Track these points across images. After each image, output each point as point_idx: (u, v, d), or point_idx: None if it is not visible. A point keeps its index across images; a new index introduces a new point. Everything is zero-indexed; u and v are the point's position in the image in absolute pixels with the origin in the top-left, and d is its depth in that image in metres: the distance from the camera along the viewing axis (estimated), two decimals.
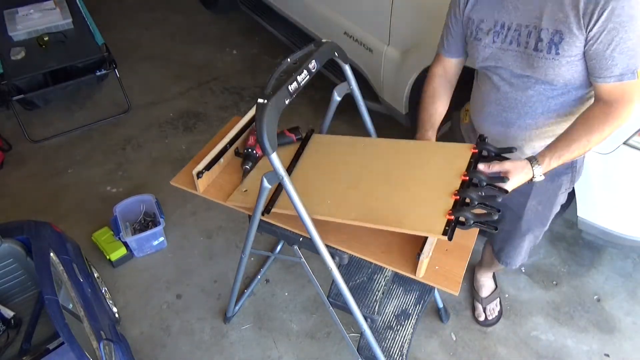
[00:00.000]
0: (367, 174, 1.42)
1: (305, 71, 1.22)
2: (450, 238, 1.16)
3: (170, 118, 3.08)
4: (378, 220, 1.25)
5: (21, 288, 1.76)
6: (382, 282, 1.70)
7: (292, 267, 2.29)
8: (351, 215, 1.30)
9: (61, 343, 1.32)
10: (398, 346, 1.73)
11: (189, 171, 1.56)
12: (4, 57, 2.81)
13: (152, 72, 3.42)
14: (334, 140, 1.65)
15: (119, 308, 2.12)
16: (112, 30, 3.63)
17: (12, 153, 2.83)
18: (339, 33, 2.49)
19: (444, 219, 1.19)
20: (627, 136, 1.59)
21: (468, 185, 1.27)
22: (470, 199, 1.23)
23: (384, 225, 1.24)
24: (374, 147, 1.55)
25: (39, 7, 3.09)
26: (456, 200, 1.23)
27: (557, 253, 2.35)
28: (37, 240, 1.63)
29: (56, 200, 2.58)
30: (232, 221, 2.47)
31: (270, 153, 1.14)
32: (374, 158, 1.49)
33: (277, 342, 2.04)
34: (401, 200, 1.30)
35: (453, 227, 1.17)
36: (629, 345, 2.03)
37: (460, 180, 1.28)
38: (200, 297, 2.19)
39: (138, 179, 2.70)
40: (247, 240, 1.58)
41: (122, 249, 2.27)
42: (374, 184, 1.37)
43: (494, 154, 1.32)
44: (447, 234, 1.15)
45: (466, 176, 1.28)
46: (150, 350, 2.01)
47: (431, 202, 1.25)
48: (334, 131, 1.70)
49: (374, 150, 1.53)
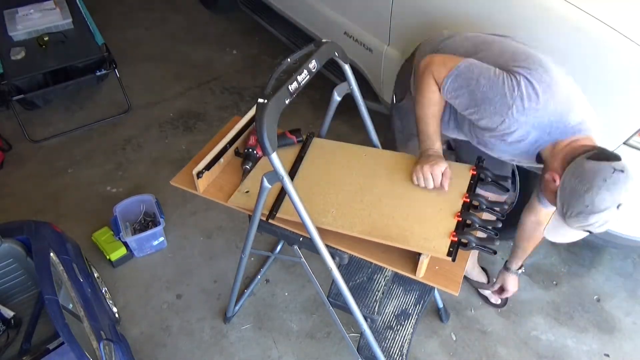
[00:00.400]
0: (371, 187, 1.45)
1: (305, 71, 1.22)
2: (454, 259, 1.22)
3: (170, 118, 3.08)
4: (383, 237, 1.30)
5: (21, 288, 1.76)
6: (382, 282, 1.70)
7: (292, 267, 2.29)
8: (356, 229, 1.34)
9: (61, 343, 1.32)
10: (398, 346, 1.73)
11: (189, 171, 1.56)
12: (4, 57, 2.81)
13: (152, 72, 3.42)
14: (335, 146, 1.65)
15: (119, 308, 2.12)
16: (112, 30, 3.63)
17: (12, 153, 2.83)
18: (339, 33, 2.49)
19: (448, 240, 1.25)
20: (627, 136, 1.59)
21: (469, 206, 1.35)
22: (472, 221, 1.30)
23: (389, 242, 1.29)
24: (376, 159, 1.57)
25: (39, 7, 3.09)
26: (459, 222, 1.30)
27: (557, 253, 2.35)
28: (37, 240, 1.62)
29: (56, 200, 2.58)
30: (232, 221, 2.47)
31: (270, 153, 1.14)
32: (377, 170, 1.52)
33: (277, 342, 2.04)
34: (405, 217, 1.34)
35: (456, 248, 1.24)
36: (629, 345, 2.03)
37: (461, 201, 1.36)
38: (200, 297, 2.19)
39: (138, 179, 2.70)
40: (247, 240, 1.58)
41: (122, 249, 2.27)
42: (378, 198, 1.41)
43: (491, 180, 1.43)
44: (452, 256, 1.22)
45: (467, 198, 1.36)
46: (150, 350, 2.01)
47: (435, 222, 1.31)
48: (334, 131, 1.70)
49: (377, 162, 1.56)
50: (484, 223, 1.29)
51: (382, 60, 2.28)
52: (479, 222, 1.29)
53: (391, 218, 1.34)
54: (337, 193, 1.45)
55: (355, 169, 1.53)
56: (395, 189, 1.43)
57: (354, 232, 1.33)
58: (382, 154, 1.59)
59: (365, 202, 1.40)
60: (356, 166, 1.54)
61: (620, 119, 1.59)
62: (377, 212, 1.36)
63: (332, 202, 1.42)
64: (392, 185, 1.44)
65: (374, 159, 1.57)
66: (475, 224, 1.29)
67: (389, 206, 1.38)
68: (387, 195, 1.41)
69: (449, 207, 1.34)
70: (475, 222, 1.29)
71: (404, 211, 1.36)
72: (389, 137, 1.86)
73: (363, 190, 1.44)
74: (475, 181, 1.41)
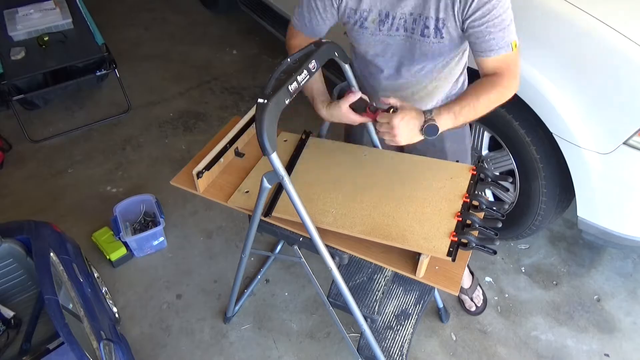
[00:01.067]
0: (371, 187, 1.45)
1: (305, 71, 1.22)
2: (454, 259, 1.22)
3: (170, 118, 3.08)
4: (384, 237, 1.30)
5: (21, 288, 1.76)
6: (382, 282, 1.70)
7: (292, 267, 2.29)
8: (356, 229, 1.34)
9: (61, 343, 1.32)
10: (398, 346, 1.73)
11: (189, 171, 1.56)
12: (4, 57, 2.81)
13: (152, 72, 3.42)
14: (334, 146, 1.65)
15: (119, 308, 2.12)
16: (112, 30, 3.63)
17: (12, 153, 2.83)
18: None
19: (448, 240, 1.25)
20: (627, 136, 1.59)
21: (468, 206, 1.34)
22: (472, 221, 1.30)
23: (389, 242, 1.29)
24: (375, 158, 1.58)
25: (39, 7, 3.09)
26: (459, 222, 1.30)
27: (557, 253, 2.35)
28: (37, 240, 1.62)
29: (56, 200, 2.58)
30: (232, 221, 2.47)
31: (270, 153, 1.14)
32: (376, 170, 1.52)
33: (277, 342, 2.04)
34: (405, 217, 1.34)
35: (456, 248, 1.24)
36: (628, 345, 2.03)
37: (461, 201, 1.35)
38: (200, 297, 2.19)
39: (138, 179, 2.70)
40: (247, 240, 1.58)
41: (122, 249, 2.27)
42: (378, 199, 1.41)
43: (491, 180, 1.42)
44: (452, 256, 1.22)
45: (467, 198, 1.36)
46: (150, 350, 2.01)
47: (434, 222, 1.31)
48: (334, 131, 1.70)
49: (376, 162, 1.56)
50: (484, 223, 1.29)
51: None
52: (479, 222, 1.29)
53: (391, 218, 1.34)
54: (337, 193, 1.45)
55: (355, 169, 1.53)
56: (394, 189, 1.43)
57: (354, 232, 1.33)
58: (382, 153, 1.59)
59: (365, 202, 1.40)
60: (355, 166, 1.54)
61: (620, 119, 1.60)
62: (377, 212, 1.36)
63: (332, 202, 1.42)
64: (391, 185, 1.45)
65: (373, 158, 1.57)
66: (475, 224, 1.30)
67: (388, 206, 1.38)
68: (387, 195, 1.41)
69: (449, 207, 1.34)
70: (475, 222, 1.30)
71: (403, 211, 1.36)
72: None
73: (363, 190, 1.44)
74: (475, 181, 1.42)
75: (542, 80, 1.69)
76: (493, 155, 2.06)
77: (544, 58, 1.68)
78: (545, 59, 1.68)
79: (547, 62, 1.68)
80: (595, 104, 1.63)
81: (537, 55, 1.68)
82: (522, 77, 1.70)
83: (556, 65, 1.67)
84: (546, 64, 1.68)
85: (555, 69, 1.67)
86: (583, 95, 1.64)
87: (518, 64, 1.32)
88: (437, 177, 1.45)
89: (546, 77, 1.68)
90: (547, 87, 1.68)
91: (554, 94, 1.68)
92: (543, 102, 1.71)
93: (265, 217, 1.44)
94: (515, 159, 1.95)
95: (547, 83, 1.68)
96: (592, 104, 1.63)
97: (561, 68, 1.66)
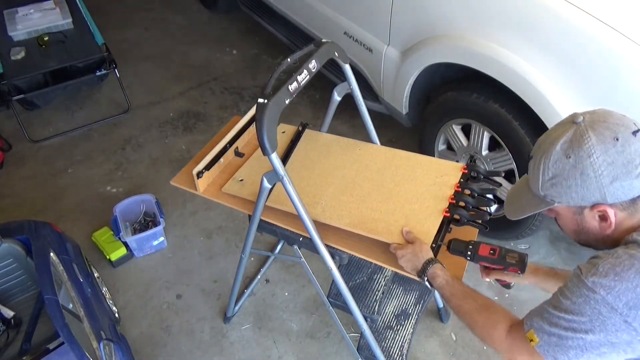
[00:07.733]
0: (362, 181, 1.46)
1: (305, 71, 1.22)
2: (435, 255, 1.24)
3: (170, 118, 3.07)
4: (369, 230, 1.31)
5: (21, 288, 1.76)
6: (382, 282, 1.70)
7: (292, 267, 2.29)
8: (344, 221, 1.35)
9: (61, 343, 1.32)
10: (398, 346, 1.73)
11: (189, 171, 1.56)
12: (4, 57, 2.81)
13: (152, 72, 3.42)
14: (330, 139, 1.66)
15: (119, 308, 2.12)
16: (112, 30, 3.63)
17: (12, 153, 2.83)
18: (339, 33, 2.49)
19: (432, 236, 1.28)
20: None
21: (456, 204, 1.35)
22: (460, 216, 1.32)
23: (375, 235, 1.30)
24: (369, 153, 1.58)
25: (39, 7, 3.09)
26: (445, 217, 1.32)
27: (557, 253, 2.35)
28: (37, 240, 1.62)
29: (56, 200, 2.58)
30: (232, 221, 2.47)
31: (270, 153, 1.15)
32: (369, 165, 1.53)
33: (277, 342, 2.04)
34: (393, 212, 1.35)
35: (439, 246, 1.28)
36: None
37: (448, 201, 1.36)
38: (200, 297, 2.19)
39: (138, 179, 2.70)
40: (247, 240, 1.58)
41: (122, 249, 2.27)
42: (368, 193, 1.42)
43: (483, 177, 1.41)
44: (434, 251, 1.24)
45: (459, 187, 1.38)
46: (150, 350, 2.01)
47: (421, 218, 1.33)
48: (333, 131, 1.70)
49: (369, 157, 1.57)
50: (472, 217, 1.30)
51: (382, 60, 2.28)
52: (467, 217, 1.30)
53: (379, 212, 1.36)
54: (328, 186, 1.46)
55: (348, 163, 1.54)
56: (385, 185, 1.44)
57: (341, 224, 1.34)
58: (377, 149, 1.60)
59: (355, 196, 1.41)
60: (349, 160, 1.55)
61: None
62: (366, 206, 1.38)
63: (322, 195, 1.43)
64: (382, 181, 1.46)
65: (367, 154, 1.57)
66: (463, 219, 1.31)
67: (377, 201, 1.39)
68: (377, 190, 1.43)
69: (437, 204, 1.36)
70: (463, 217, 1.31)
71: (392, 206, 1.37)
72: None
73: (354, 184, 1.45)
74: (466, 179, 1.42)
75: (542, 80, 1.69)
76: (493, 155, 2.06)
77: (545, 58, 1.68)
78: (546, 58, 1.68)
79: (548, 62, 1.68)
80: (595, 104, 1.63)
81: (537, 55, 1.68)
82: (523, 77, 1.71)
83: (556, 65, 1.67)
84: (546, 63, 1.68)
85: (556, 68, 1.67)
86: (583, 95, 1.64)
87: (523, 352, 1.02)
88: (428, 174, 1.45)
89: (546, 77, 1.68)
90: (547, 87, 1.69)
91: (554, 94, 1.68)
92: (543, 102, 1.71)
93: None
94: (515, 158, 1.95)
95: (547, 83, 1.68)
96: (592, 104, 1.63)
97: (561, 68, 1.66)
